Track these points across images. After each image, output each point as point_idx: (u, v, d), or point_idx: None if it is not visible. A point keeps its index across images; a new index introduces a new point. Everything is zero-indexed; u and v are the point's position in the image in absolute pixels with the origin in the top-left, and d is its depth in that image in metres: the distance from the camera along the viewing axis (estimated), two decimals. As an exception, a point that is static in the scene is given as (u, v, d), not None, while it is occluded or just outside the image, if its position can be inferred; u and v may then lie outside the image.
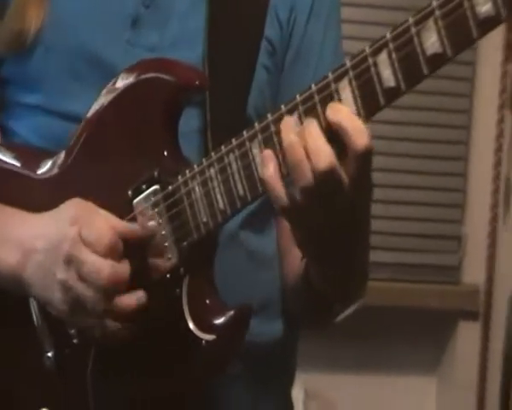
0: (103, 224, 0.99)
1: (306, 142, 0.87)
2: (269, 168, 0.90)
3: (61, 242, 0.99)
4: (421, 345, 2.33)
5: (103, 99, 1.06)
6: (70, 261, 0.98)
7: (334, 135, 0.87)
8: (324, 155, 0.86)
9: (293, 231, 0.96)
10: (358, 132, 0.86)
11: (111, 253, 0.98)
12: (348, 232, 0.94)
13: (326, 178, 0.87)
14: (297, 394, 1.26)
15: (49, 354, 1.08)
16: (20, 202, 1.08)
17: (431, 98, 2.24)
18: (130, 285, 1.00)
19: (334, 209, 0.90)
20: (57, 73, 1.10)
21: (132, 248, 1.00)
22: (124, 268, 0.99)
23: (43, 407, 1.09)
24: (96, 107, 1.06)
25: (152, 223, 1.01)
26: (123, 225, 1.00)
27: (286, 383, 1.21)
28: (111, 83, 1.05)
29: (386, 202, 2.27)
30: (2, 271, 1.04)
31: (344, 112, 0.86)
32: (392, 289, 2.24)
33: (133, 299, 1.00)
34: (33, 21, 1.09)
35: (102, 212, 1.01)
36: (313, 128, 0.87)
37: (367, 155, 0.87)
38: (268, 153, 0.90)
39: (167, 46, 1.07)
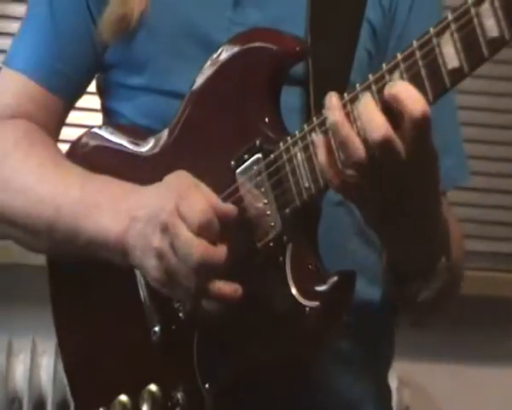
0: (201, 200, 0.99)
1: (360, 114, 0.88)
2: (320, 155, 0.91)
3: (160, 211, 1.00)
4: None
5: (206, 71, 1.08)
6: (165, 231, 0.99)
7: (390, 106, 0.88)
8: (377, 125, 0.87)
9: (359, 210, 0.96)
10: (414, 100, 0.86)
11: (205, 231, 0.98)
12: (415, 203, 0.93)
13: (382, 149, 0.87)
14: (390, 381, 1.25)
15: (156, 329, 1.09)
16: (126, 178, 1.10)
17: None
18: (234, 256, 1.00)
19: (395, 181, 0.90)
20: (161, 53, 1.13)
21: (235, 224, 1.01)
22: (218, 251, 0.99)
23: (151, 382, 1.11)
24: (198, 80, 1.08)
25: (255, 192, 1.02)
26: (220, 206, 1.00)
27: (384, 366, 1.20)
28: (214, 55, 1.07)
29: (482, 191, 2.25)
30: (108, 238, 1.06)
31: (398, 83, 0.87)
32: (488, 279, 2.21)
33: (228, 289, 0.99)
34: (136, 4, 1.12)
35: (203, 187, 1.01)
36: (367, 100, 0.89)
37: (425, 121, 0.87)
38: (318, 140, 0.92)
39: (269, 25, 1.08)
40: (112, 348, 1.15)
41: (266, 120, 1.03)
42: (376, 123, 0.87)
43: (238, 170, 1.04)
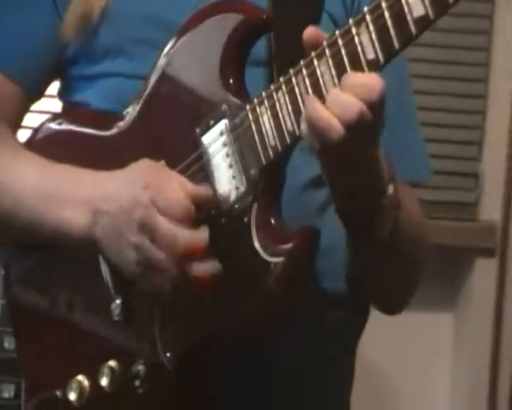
0: (177, 189, 1.00)
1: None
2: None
3: (134, 206, 1.00)
4: (437, 282, 2.31)
5: (171, 45, 1.08)
6: (144, 226, 1.00)
7: None
8: (353, 106, 0.90)
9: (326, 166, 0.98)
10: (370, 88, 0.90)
11: (186, 219, 0.99)
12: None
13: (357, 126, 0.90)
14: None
15: (118, 301, 1.08)
16: (90, 161, 1.09)
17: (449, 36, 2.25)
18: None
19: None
20: (125, 41, 1.12)
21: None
22: (201, 235, 1.00)
23: (110, 358, 1.09)
24: (163, 54, 1.08)
25: (220, 155, 1.02)
26: (197, 190, 1.01)
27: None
28: (178, 30, 1.07)
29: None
30: (72, 231, 1.06)
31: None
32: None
33: (208, 268, 1.00)
34: (97, 1, 1.11)
35: (175, 175, 1.02)
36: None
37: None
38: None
39: None
40: (69, 326, 1.14)
41: (231, 81, 1.03)
42: (351, 105, 0.90)
43: (203, 136, 1.04)
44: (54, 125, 1.17)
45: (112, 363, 1.09)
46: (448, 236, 2.27)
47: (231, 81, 1.03)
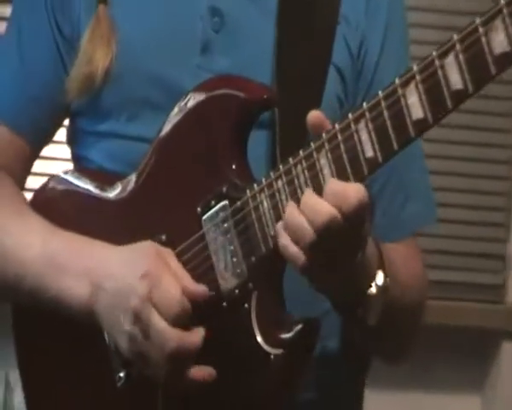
0: (175, 288, 1.00)
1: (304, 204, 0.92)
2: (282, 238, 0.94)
3: (130, 294, 1.00)
4: (464, 364, 2.31)
5: (174, 118, 1.08)
6: (138, 317, 1.00)
7: None
8: (322, 212, 0.90)
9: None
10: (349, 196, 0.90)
11: (181, 317, 0.99)
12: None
13: (328, 230, 0.90)
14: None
15: (121, 374, 1.08)
16: (92, 225, 1.10)
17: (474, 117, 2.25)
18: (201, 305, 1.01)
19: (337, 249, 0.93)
20: (129, 101, 1.12)
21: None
22: (193, 339, 1.00)
23: None
24: (166, 126, 1.08)
25: (221, 239, 1.02)
26: (194, 289, 1.01)
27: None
28: (181, 102, 1.07)
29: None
30: (73, 300, 1.06)
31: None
32: (436, 308, 2.20)
33: (202, 374, 1.00)
34: (101, 61, 1.12)
35: (174, 268, 1.01)
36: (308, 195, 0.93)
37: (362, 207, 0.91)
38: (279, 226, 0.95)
39: (237, 71, 1.08)
40: (76, 396, 1.14)
41: (233, 166, 1.03)
42: (320, 210, 0.91)
43: (204, 216, 1.04)
44: (63, 180, 1.17)
45: None
46: (474, 318, 2.26)
47: (234, 163, 1.03)
